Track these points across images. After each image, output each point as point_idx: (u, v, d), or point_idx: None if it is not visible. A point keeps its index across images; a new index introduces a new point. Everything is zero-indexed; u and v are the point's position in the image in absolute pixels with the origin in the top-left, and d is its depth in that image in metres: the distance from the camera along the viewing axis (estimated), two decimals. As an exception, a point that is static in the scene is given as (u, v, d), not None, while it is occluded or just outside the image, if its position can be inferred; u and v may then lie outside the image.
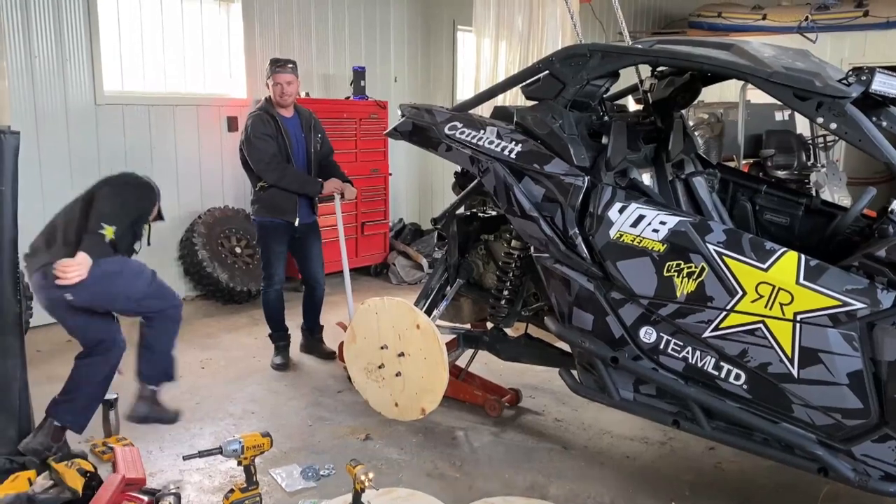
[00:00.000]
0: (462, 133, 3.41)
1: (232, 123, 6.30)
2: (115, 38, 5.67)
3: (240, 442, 2.83)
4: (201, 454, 2.88)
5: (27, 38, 5.07)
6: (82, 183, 5.35)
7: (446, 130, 3.46)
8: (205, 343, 5.12)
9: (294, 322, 4.86)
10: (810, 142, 7.21)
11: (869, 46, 8.30)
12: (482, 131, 3.36)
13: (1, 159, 3.01)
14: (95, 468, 3.01)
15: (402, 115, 3.68)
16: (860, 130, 2.58)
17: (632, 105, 4.23)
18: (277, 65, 4.44)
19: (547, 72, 3.24)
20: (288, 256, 4.66)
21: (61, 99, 5.31)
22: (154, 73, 5.98)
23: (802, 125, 7.58)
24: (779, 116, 7.66)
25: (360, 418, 3.88)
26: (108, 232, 3.01)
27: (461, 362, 4.15)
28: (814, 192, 5.85)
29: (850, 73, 2.68)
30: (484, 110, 3.91)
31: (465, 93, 8.12)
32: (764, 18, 8.99)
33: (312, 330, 4.90)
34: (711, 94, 5.07)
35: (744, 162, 6.90)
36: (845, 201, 6.46)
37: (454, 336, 3.98)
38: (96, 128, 5.50)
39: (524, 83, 3.37)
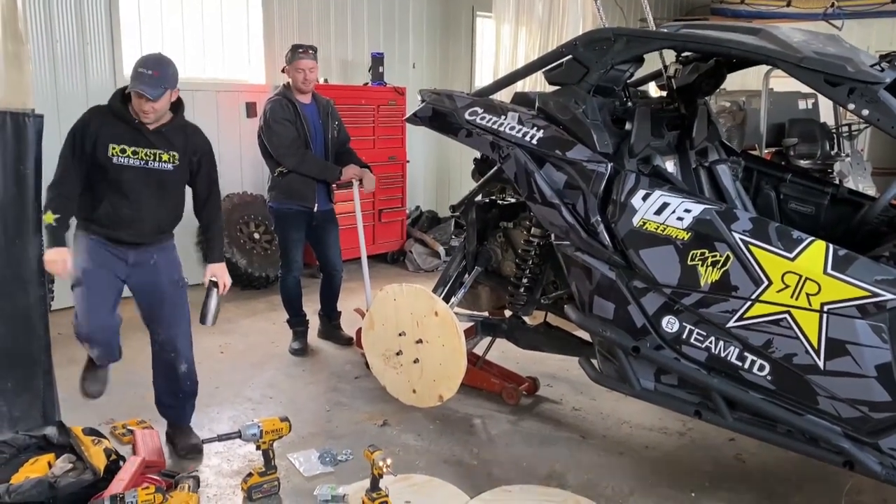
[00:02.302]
0: (483, 119, 3.37)
1: (251, 109, 6.28)
2: (136, 23, 5.67)
3: (258, 426, 2.85)
4: (220, 438, 2.90)
5: (49, 23, 5.09)
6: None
7: (467, 116, 3.43)
8: (223, 328, 5.12)
9: (312, 308, 4.86)
10: (834, 131, 7.10)
11: (897, 33, 8.16)
12: (503, 117, 3.32)
13: (25, 142, 3.03)
14: (119, 454, 3.03)
15: (423, 101, 3.65)
16: (894, 117, 2.51)
17: (653, 91, 4.17)
18: (300, 51, 4.41)
19: (570, 56, 3.19)
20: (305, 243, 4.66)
21: (82, 83, 5.33)
22: (173, 58, 5.94)
23: (826, 114, 7.47)
24: (802, 105, 7.56)
25: (378, 404, 3.88)
26: None
27: (479, 350, 4.13)
28: (838, 182, 5.76)
29: (884, 58, 2.61)
30: (504, 96, 3.87)
31: (483, 80, 8.07)
32: (788, 5, 8.88)
33: (330, 316, 4.91)
34: (734, 81, 4.99)
35: (766, 151, 6.82)
36: (869, 191, 6.35)
37: (472, 323, 3.97)
38: (116, 112, 5.51)
39: (547, 68, 3.32)
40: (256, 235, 6.23)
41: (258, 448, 2.87)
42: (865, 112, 2.55)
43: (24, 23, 3.04)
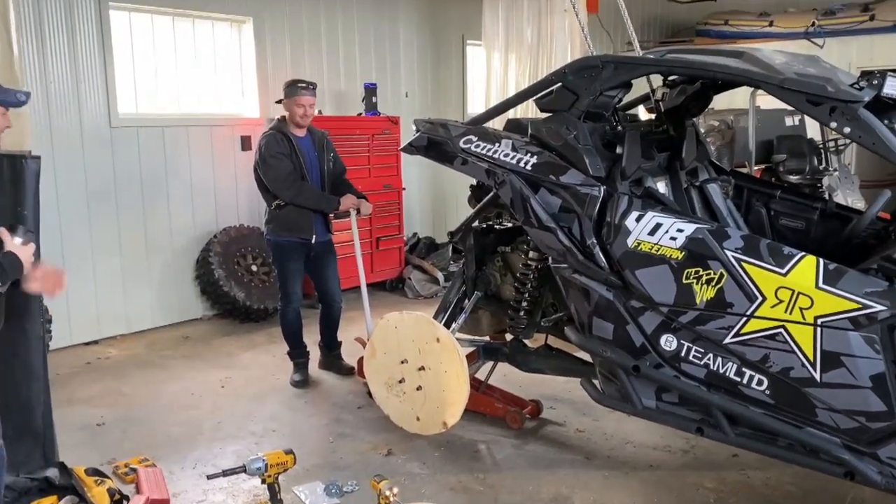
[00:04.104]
0: (477, 146, 3.43)
1: (245, 142, 6.35)
2: (129, 60, 5.75)
3: (263, 460, 2.84)
4: (225, 473, 2.90)
5: (42, 63, 5.15)
6: (98, 204, 5.50)
7: (461, 144, 3.49)
8: (224, 362, 5.14)
9: (312, 339, 4.87)
10: (822, 146, 7.20)
11: (876, 50, 8.31)
12: (497, 144, 3.38)
13: (23, 183, 3.04)
14: (123, 494, 3.02)
15: (417, 130, 3.71)
16: (874, 133, 2.58)
17: (643, 114, 4.25)
18: (301, 86, 4.46)
19: (560, 84, 3.27)
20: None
21: (76, 122, 5.38)
22: (167, 94, 6.05)
23: (813, 130, 7.57)
24: (789, 121, 7.65)
25: (382, 433, 3.89)
26: None
27: (481, 375, 4.15)
28: (827, 196, 5.83)
29: (862, 77, 2.69)
30: (497, 124, 3.94)
31: (475, 107, 8.16)
32: (771, 25, 9.03)
33: (330, 346, 4.92)
34: (721, 101, 5.09)
35: (755, 168, 6.90)
36: (858, 204, 6.43)
37: (474, 348, 3.98)
38: (111, 150, 5.57)
39: (538, 96, 3.39)
40: (254, 268, 6.25)
41: (263, 482, 2.87)
42: (847, 130, 2.63)
43: (19, 64, 3.09)
